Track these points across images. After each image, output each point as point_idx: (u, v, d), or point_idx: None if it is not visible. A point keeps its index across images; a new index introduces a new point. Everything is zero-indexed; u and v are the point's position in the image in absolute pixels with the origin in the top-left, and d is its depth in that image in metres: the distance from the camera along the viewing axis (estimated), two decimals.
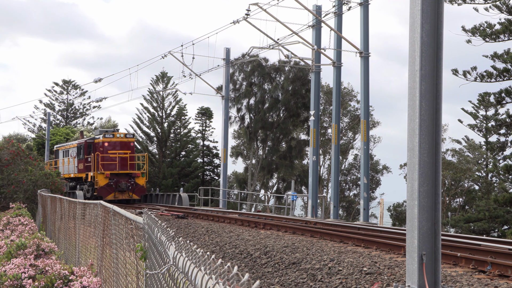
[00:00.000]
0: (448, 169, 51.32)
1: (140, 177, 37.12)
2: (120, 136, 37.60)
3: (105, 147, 36.75)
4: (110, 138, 37.09)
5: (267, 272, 12.89)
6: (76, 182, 40.24)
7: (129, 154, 37.43)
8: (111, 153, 36.77)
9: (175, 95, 66.00)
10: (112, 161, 36.70)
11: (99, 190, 35.48)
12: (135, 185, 36.75)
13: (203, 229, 20.31)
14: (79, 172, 38.98)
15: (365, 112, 31.23)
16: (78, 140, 40.85)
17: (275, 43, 31.19)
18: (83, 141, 38.96)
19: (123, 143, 37.49)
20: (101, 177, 35.76)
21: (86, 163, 37.73)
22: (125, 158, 37.17)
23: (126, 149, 37.42)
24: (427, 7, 6.78)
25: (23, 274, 7.67)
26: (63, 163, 42.71)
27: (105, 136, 37.08)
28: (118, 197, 36.11)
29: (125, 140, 37.69)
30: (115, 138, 37.28)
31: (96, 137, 38.60)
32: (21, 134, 78.54)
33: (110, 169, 36.48)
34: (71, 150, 41.10)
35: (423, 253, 6.62)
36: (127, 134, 38.26)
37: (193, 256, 2.99)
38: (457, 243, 14.02)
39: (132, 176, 36.79)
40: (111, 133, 37.40)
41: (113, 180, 36.04)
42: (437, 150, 6.78)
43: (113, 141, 37.17)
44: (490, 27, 39.31)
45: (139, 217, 6.43)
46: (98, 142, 37.41)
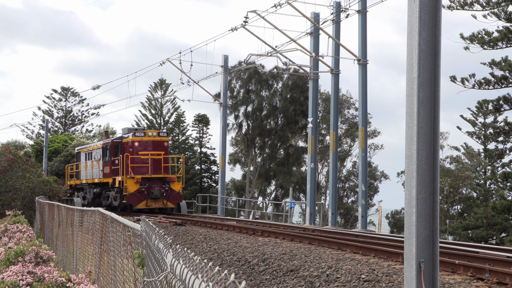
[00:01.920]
0: (447, 177, 51.35)
1: (175, 182, 32.03)
2: (152, 135, 32.58)
3: (135, 147, 32.01)
4: (140, 137, 32.14)
5: (265, 279, 12.87)
6: (101, 188, 35.21)
7: (163, 155, 32.54)
8: (142, 155, 31.97)
9: (174, 102, 66.09)
10: (143, 164, 31.90)
11: (129, 197, 30.65)
12: (170, 192, 31.72)
13: (201, 236, 20.27)
14: (105, 176, 34.08)
15: (363, 119, 31.27)
16: (104, 140, 36.04)
17: (273, 50, 31.25)
18: (109, 141, 34.12)
19: (155, 142, 32.50)
20: (131, 182, 30.86)
21: (113, 166, 32.96)
22: (159, 160, 32.30)
23: (160, 150, 32.49)
24: (425, 14, 6.81)
25: (21, 281, 7.65)
26: (86, 166, 37.63)
27: (135, 135, 32.08)
28: (150, 205, 31.26)
29: (158, 139, 32.62)
30: (146, 137, 32.29)
31: (124, 136, 33.74)
32: (19, 141, 78.47)
33: (141, 173, 31.54)
34: (95, 152, 36.32)
35: (421, 260, 6.62)
36: (161, 132, 32.97)
37: (191, 263, 2.99)
38: (455, 251, 14.01)
39: (166, 181, 31.80)
40: (141, 131, 32.49)
41: (145, 185, 31.11)
42: (435, 157, 6.78)
43: (144, 140, 32.22)
44: (488, 35, 39.43)
45: (136, 224, 6.42)
46: (127, 142, 32.59)
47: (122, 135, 34.08)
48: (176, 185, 31.90)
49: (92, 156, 36.58)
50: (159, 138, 32.64)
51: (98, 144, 36.51)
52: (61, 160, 57.90)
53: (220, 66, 38.00)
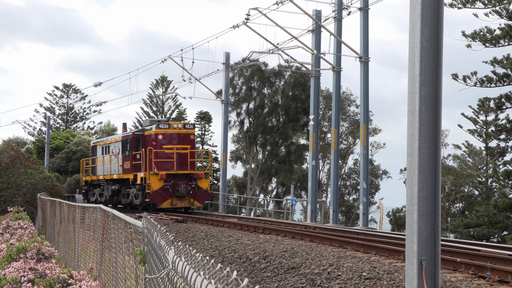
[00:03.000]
0: (449, 175, 51.32)
1: (203, 178, 29.34)
2: (177, 127, 29.77)
3: (159, 140, 29.29)
4: (165, 129, 29.43)
5: (266, 276, 12.88)
6: (120, 185, 32.41)
7: (189, 149, 29.81)
8: (166, 148, 29.26)
9: (175, 99, 66.07)
10: (168, 159, 29.25)
11: (152, 195, 28.04)
12: (197, 189, 29.08)
13: (202, 233, 20.29)
14: (125, 172, 31.37)
15: (365, 116, 31.25)
16: (123, 133, 33.10)
17: (275, 47, 31.23)
18: (129, 133, 31.25)
19: (181, 135, 29.78)
20: (155, 179, 28.21)
21: (134, 161, 30.27)
22: (185, 155, 29.62)
23: (186, 143, 29.78)
24: (427, 12, 6.80)
25: (23, 277, 7.67)
26: (103, 161, 34.75)
27: (159, 127, 29.39)
28: (176, 204, 28.70)
29: (183, 131, 29.89)
30: (171, 129, 29.55)
31: (146, 128, 30.94)
32: (21, 138, 78.55)
33: (165, 169, 28.93)
34: (113, 145, 33.58)
35: (423, 258, 6.62)
36: (186, 124, 30.17)
37: (192, 260, 2.99)
38: (456, 249, 14.01)
39: (193, 178, 29.11)
40: (166, 123, 29.69)
41: (170, 182, 28.45)
42: (436, 155, 6.78)
43: (169, 133, 29.52)
44: (490, 32, 39.37)
45: (138, 221, 6.43)
46: (149, 134, 29.89)
47: (144, 127, 31.42)
48: (203, 182, 29.40)
49: (109, 150, 34.12)
50: (184, 130, 30.03)
51: (116, 137, 33.81)
52: (62, 157, 57.95)
53: (221, 63, 37.99)
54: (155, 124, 29.76)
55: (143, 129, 31.05)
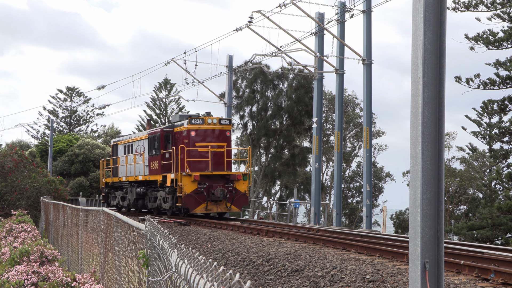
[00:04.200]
0: (453, 177, 51.25)
1: (241, 180, 26.28)
2: (212, 122, 26.76)
3: (191, 137, 26.32)
4: (198, 124, 26.46)
5: (270, 279, 12.87)
6: (146, 187, 29.33)
7: (225, 147, 26.87)
8: (200, 146, 26.32)
9: (178, 102, 66.16)
10: (202, 158, 26.32)
11: (185, 199, 25.16)
12: (235, 192, 26.03)
13: (205, 236, 20.29)
14: (152, 173, 28.22)
15: (368, 119, 31.24)
16: (150, 130, 30.06)
17: (278, 50, 31.25)
18: (157, 130, 28.17)
19: (216, 132, 26.81)
20: (187, 181, 25.26)
21: (163, 161, 27.35)
22: (220, 154, 26.71)
23: (222, 141, 26.86)
24: (430, 14, 6.79)
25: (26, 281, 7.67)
26: (126, 161, 31.61)
27: (192, 122, 26.42)
28: (211, 209, 25.81)
29: (219, 127, 26.85)
30: (205, 124, 26.59)
31: (176, 124, 27.88)
32: (24, 141, 78.71)
33: (199, 169, 26.07)
34: (138, 144, 30.54)
35: (426, 260, 6.60)
36: (222, 119, 27.12)
37: (195, 263, 2.99)
38: (460, 251, 13.99)
39: (230, 179, 26.10)
40: (199, 118, 26.69)
41: (204, 185, 25.56)
42: (440, 158, 6.77)
43: (203, 129, 26.56)
44: (493, 35, 39.36)
45: (141, 224, 6.43)
46: (180, 131, 26.91)
47: (173, 123, 28.33)
48: (241, 184, 26.32)
49: (133, 149, 31.29)
50: (220, 126, 26.91)
51: (141, 135, 30.76)
52: (65, 160, 58.04)
53: (225, 66, 38.03)
54: (186, 120, 26.77)
55: (173, 125, 28.02)
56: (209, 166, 26.20)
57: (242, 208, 44.11)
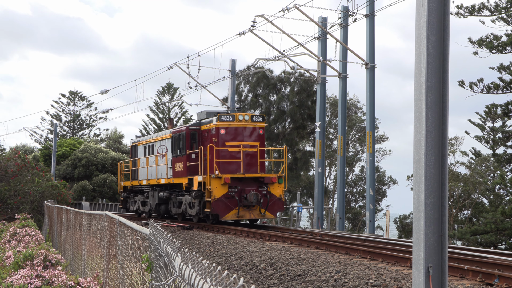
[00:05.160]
0: (457, 181, 51.18)
1: (276, 183, 24.04)
2: (243, 119, 24.36)
3: (220, 136, 24.00)
4: (228, 122, 24.11)
5: (273, 284, 12.86)
6: (169, 191, 27.09)
7: (259, 147, 24.54)
8: (230, 146, 24.08)
9: (181, 106, 66.25)
10: (233, 159, 24.09)
11: (214, 204, 22.96)
12: (270, 197, 23.83)
13: (208, 240, 20.28)
14: (176, 176, 25.96)
15: (371, 123, 31.23)
16: (173, 128, 27.70)
17: (281, 54, 31.27)
18: (182, 128, 25.94)
19: (248, 130, 24.43)
20: (217, 184, 23.07)
21: (188, 162, 25.11)
22: (253, 154, 24.41)
23: (254, 140, 24.50)
24: (433, 19, 6.80)
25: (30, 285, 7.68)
26: (147, 163, 29.46)
27: (221, 119, 24.07)
28: (243, 215, 23.59)
29: (251, 124, 24.47)
30: (236, 121, 24.22)
31: (202, 121, 25.59)
32: (28, 145, 78.88)
33: (230, 171, 23.85)
34: (160, 144, 28.37)
35: (430, 265, 6.59)
36: (255, 116, 24.70)
37: (199, 267, 2.99)
38: (464, 256, 13.96)
39: (264, 183, 23.86)
40: (229, 115, 24.39)
41: (235, 189, 23.39)
42: (443, 162, 6.77)
43: (233, 126, 24.18)
44: (497, 39, 39.34)
45: (145, 228, 6.43)
46: (208, 128, 24.73)
47: (199, 121, 26.06)
48: (276, 188, 24.10)
49: (154, 149, 29.09)
50: (252, 123, 24.50)
51: (163, 134, 28.37)
52: (68, 164, 58.14)
53: (227, 70, 38.07)
54: (215, 116, 24.49)
55: (199, 122, 25.78)
56: (241, 167, 23.88)
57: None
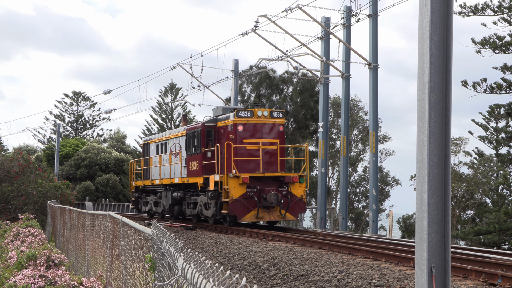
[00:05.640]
0: (460, 182, 51.13)
1: (297, 183, 22.81)
2: (262, 115, 23.12)
3: (238, 133, 22.87)
4: (246, 118, 22.95)
5: (276, 284, 12.86)
6: (184, 191, 25.93)
7: (279, 145, 23.32)
8: (249, 144, 22.92)
9: (184, 106, 66.25)
10: (251, 157, 22.90)
11: (232, 205, 21.76)
12: (291, 197, 22.60)
13: (211, 240, 20.29)
14: (191, 175, 24.77)
15: (374, 123, 31.20)
16: (188, 125, 26.31)
17: (284, 54, 31.27)
18: (197, 125, 24.77)
19: (268, 126, 23.23)
20: (234, 184, 21.88)
21: (204, 161, 23.93)
22: (273, 152, 23.20)
23: (274, 137, 23.30)
24: (436, 19, 6.79)
25: (33, 285, 7.69)
26: (160, 162, 28.20)
27: (238, 115, 22.89)
28: (263, 217, 22.36)
29: (270, 120, 23.27)
30: (254, 117, 23.03)
31: (219, 118, 24.34)
32: (31, 146, 79.03)
33: (248, 170, 22.69)
34: (173, 142, 27.17)
35: (433, 265, 6.59)
36: (274, 112, 23.45)
37: (202, 267, 2.99)
38: (467, 256, 13.94)
39: (284, 182, 22.64)
40: (247, 110, 23.15)
41: (254, 189, 22.16)
42: (446, 162, 6.76)
43: (252, 123, 23.03)
44: (500, 39, 39.28)
45: (148, 228, 6.44)
46: (225, 125, 23.50)
47: (215, 117, 24.75)
48: (297, 188, 22.85)
49: (167, 148, 27.95)
50: (271, 119, 23.28)
51: (177, 132, 27.23)
52: (71, 164, 58.21)
53: (230, 70, 38.08)
54: (232, 112, 23.32)
55: (215, 118, 24.50)
56: (260, 166, 22.68)
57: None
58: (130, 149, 70.66)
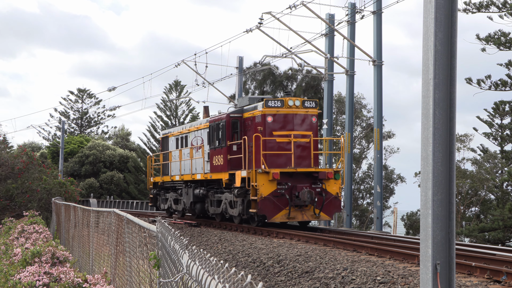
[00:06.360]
0: (465, 178, 51.04)
1: (332, 179, 21.01)
2: (293, 105, 21.21)
3: (267, 124, 20.96)
4: (276, 108, 21.01)
5: (280, 281, 12.87)
6: (206, 188, 24.35)
7: (312, 137, 21.42)
8: (279, 136, 21.05)
9: (188, 103, 66.30)
10: (282, 151, 21.05)
11: (261, 203, 19.90)
12: (325, 195, 20.78)
13: (216, 237, 20.31)
14: (215, 171, 23.07)
15: (378, 120, 31.16)
16: (211, 117, 24.41)
17: (288, 51, 31.24)
18: (222, 116, 22.87)
19: (300, 117, 21.30)
20: (264, 180, 20.00)
21: (229, 155, 22.17)
22: (306, 146, 21.35)
23: (306, 129, 21.37)
24: (441, 15, 6.78)
25: (38, 282, 7.72)
26: (180, 156, 26.44)
27: (268, 105, 20.98)
28: (295, 217, 20.46)
29: (302, 111, 21.31)
30: (285, 107, 21.12)
31: (245, 108, 22.48)
32: (35, 143, 79.21)
33: (279, 165, 20.91)
34: (194, 135, 25.43)
35: (437, 262, 6.58)
36: (306, 101, 21.51)
37: (207, 264, 3.00)
38: (471, 253, 13.93)
39: (318, 179, 20.87)
40: (277, 100, 21.17)
41: (285, 185, 20.28)
42: (451, 159, 6.75)
43: (282, 113, 21.10)
44: (505, 36, 39.16)
45: (152, 225, 6.45)
46: (252, 116, 21.70)
47: (241, 107, 22.91)
48: (332, 184, 21.03)
49: (187, 141, 26.24)
50: (304, 109, 21.32)
51: (198, 124, 25.36)
52: (75, 161, 58.31)
53: (235, 67, 38.06)
54: (260, 102, 21.46)
55: (241, 109, 22.65)
56: (292, 161, 20.83)
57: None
58: (135, 146, 70.73)
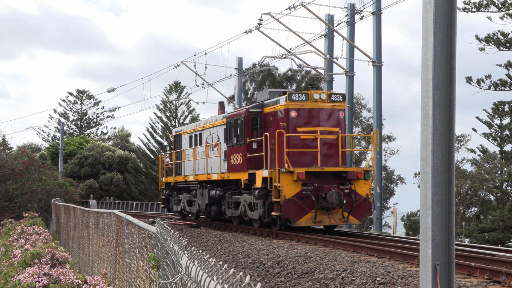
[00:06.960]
0: (464, 179, 51.04)
1: (361, 179, 19.24)
2: (319, 99, 19.49)
3: (291, 120, 19.34)
4: (300, 101, 19.32)
5: (280, 281, 12.86)
6: (223, 189, 22.81)
7: (340, 134, 19.70)
8: (303, 132, 19.36)
9: (188, 104, 66.25)
10: (307, 148, 19.37)
11: (285, 206, 18.22)
12: (355, 197, 18.99)
13: (215, 238, 20.30)
14: (232, 170, 21.45)
15: (378, 121, 31.17)
16: (227, 113, 22.64)
17: (288, 52, 31.24)
18: (240, 111, 21.18)
19: (326, 112, 19.61)
20: (287, 180, 18.35)
21: (249, 153, 20.46)
22: (333, 143, 19.65)
23: (333, 125, 19.70)
24: (440, 16, 6.78)
25: (37, 283, 7.71)
26: (194, 155, 24.86)
27: (291, 99, 19.29)
28: (321, 220, 18.77)
29: (329, 105, 19.63)
30: (310, 101, 19.40)
31: (266, 103, 20.75)
32: (35, 144, 79.24)
33: (303, 164, 19.20)
34: (209, 132, 24.11)
35: (437, 263, 6.58)
36: (333, 95, 19.80)
37: (206, 265, 2.99)
38: (471, 253, 13.92)
39: (347, 179, 19.15)
40: (301, 93, 19.44)
41: (311, 186, 18.55)
42: (450, 160, 6.75)
43: (307, 108, 19.44)
44: (504, 36, 39.19)
45: (152, 227, 6.45)
46: (274, 111, 20.01)
47: (262, 102, 21.08)
48: (362, 185, 19.30)
49: (202, 139, 24.80)
50: (330, 104, 19.62)
51: (214, 120, 23.87)
52: (75, 162, 58.30)
53: (234, 68, 38.07)
54: (283, 96, 19.80)
55: (261, 104, 20.87)
56: (318, 159, 19.06)
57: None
58: (134, 147, 70.72)
